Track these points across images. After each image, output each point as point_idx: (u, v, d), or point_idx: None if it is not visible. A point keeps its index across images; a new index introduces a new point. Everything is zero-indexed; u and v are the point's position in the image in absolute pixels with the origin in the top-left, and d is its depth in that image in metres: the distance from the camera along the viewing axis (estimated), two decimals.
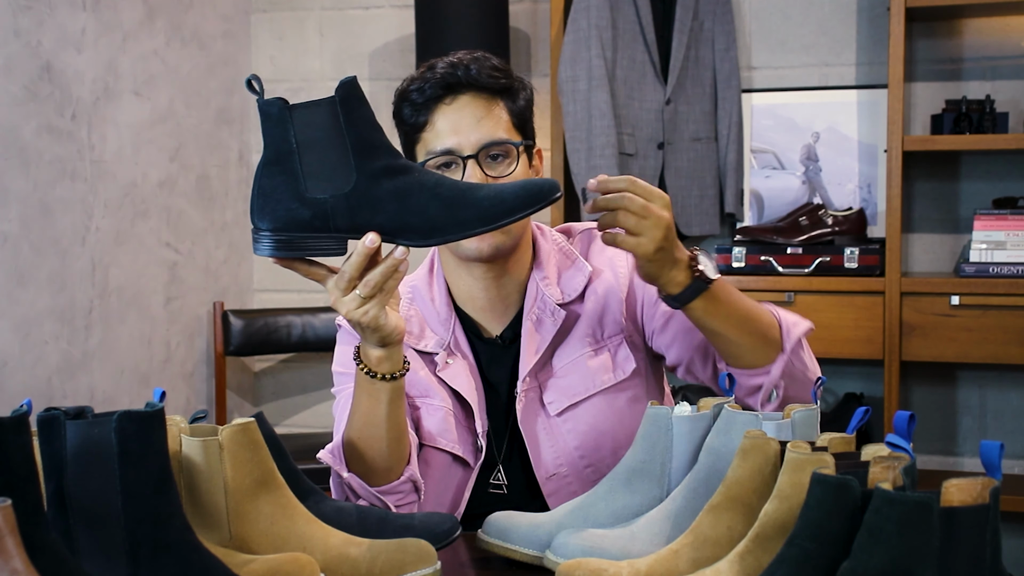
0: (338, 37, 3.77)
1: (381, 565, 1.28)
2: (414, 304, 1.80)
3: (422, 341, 1.76)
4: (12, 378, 2.80)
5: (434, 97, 1.69)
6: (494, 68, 1.71)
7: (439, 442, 1.73)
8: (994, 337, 2.99)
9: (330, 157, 1.33)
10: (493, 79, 1.69)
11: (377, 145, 1.36)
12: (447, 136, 1.69)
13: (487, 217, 1.36)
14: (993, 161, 3.28)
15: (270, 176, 1.35)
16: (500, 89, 1.70)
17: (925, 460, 3.32)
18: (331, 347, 1.72)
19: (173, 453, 1.26)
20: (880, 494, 0.99)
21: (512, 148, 1.70)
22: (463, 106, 1.69)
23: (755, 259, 3.18)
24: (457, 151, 1.68)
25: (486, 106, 1.69)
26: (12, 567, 0.88)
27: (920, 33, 3.31)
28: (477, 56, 1.72)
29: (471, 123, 1.68)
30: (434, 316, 1.78)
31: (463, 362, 1.76)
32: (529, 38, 3.60)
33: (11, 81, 2.80)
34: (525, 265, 1.79)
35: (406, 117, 1.72)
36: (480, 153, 1.68)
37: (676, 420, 1.41)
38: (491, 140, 1.68)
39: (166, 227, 3.39)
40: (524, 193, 1.36)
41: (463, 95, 1.69)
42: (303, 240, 1.36)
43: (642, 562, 1.24)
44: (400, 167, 1.36)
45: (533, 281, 1.77)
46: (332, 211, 1.34)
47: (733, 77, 3.35)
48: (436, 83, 1.69)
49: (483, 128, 1.68)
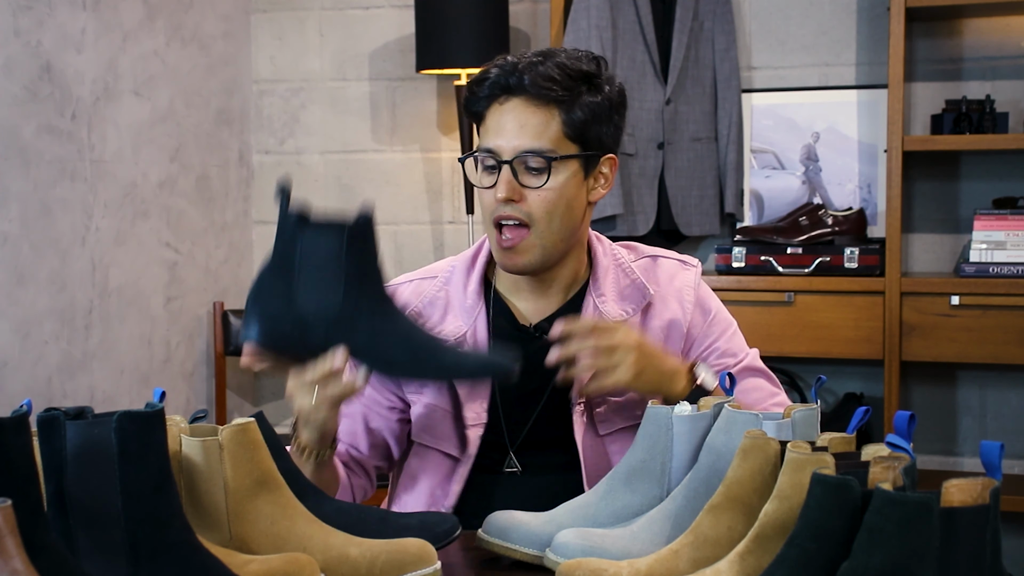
0: (338, 37, 3.77)
1: (381, 565, 1.28)
2: (447, 286, 1.80)
3: (439, 327, 1.76)
4: (12, 378, 2.80)
5: (490, 96, 1.70)
6: (553, 76, 1.67)
7: (424, 439, 1.77)
8: (994, 337, 2.99)
9: (325, 278, 1.43)
10: (546, 88, 1.67)
11: (371, 281, 1.46)
12: (492, 136, 1.70)
13: (444, 374, 1.51)
14: (993, 161, 3.28)
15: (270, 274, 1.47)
16: (553, 99, 1.68)
17: (925, 460, 3.32)
18: None
19: (173, 453, 1.26)
20: (880, 494, 0.99)
21: (554, 159, 1.68)
22: (511, 109, 1.69)
23: (755, 259, 3.18)
24: (497, 153, 1.69)
25: (535, 112, 1.68)
26: (12, 567, 0.88)
27: (920, 33, 3.31)
28: (539, 60, 1.69)
29: (514, 128, 1.68)
30: (461, 302, 1.78)
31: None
32: (529, 38, 3.60)
33: (11, 81, 2.80)
34: (575, 273, 1.79)
35: (469, 106, 1.75)
36: (515, 160, 1.68)
37: (676, 420, 1.41)
38: (528, 149, 1.67)
39: (166, 227, 3.39)
40: (483, 368, 1.45)
41: (514, 98, 1.68)
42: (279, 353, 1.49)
43: (642, 562, 1.24)
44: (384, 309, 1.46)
45: (590, 296, 1.76)
46: (311, 328, 1.45)
47: (733, 77, 3.35)
48: (491, 83, 1.69)
49: (524, 135, 1.67)
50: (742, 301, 3.10)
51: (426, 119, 3.68)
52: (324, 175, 3.78)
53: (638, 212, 3.30)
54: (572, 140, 1.70)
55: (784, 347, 3.12)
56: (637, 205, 3.29)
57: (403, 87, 3.70)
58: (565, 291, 1.79)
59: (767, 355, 3.19)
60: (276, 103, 3.81)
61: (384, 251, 1.48)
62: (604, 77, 1.74)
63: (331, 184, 3.78)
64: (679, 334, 1.77)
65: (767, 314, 3.12)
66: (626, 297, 1.77)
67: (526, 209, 1.68)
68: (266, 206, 3.83)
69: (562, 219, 1.70)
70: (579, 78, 1.70)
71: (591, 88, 1.71)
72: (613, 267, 1.79)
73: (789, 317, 3.12)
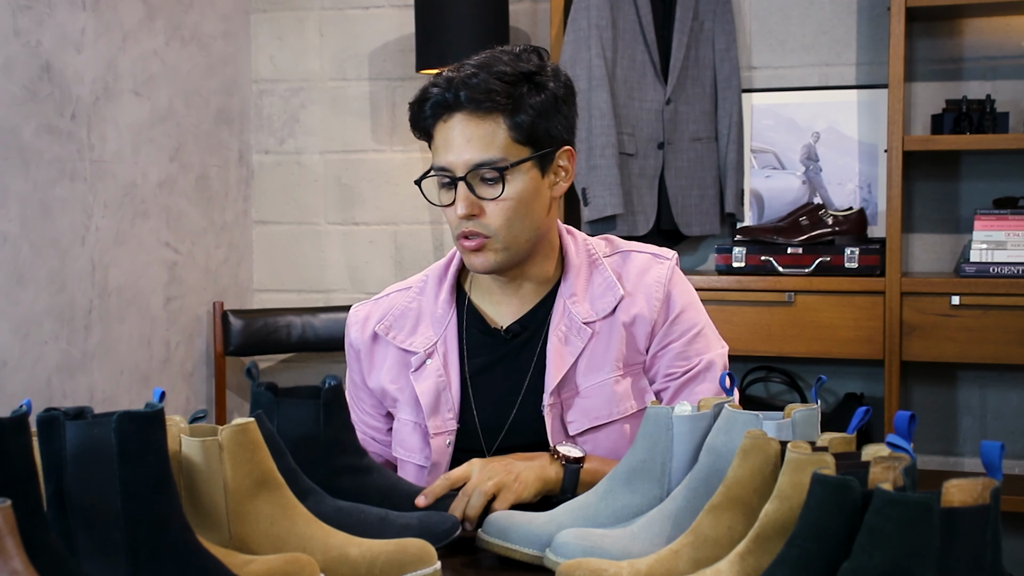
0: (338, 37, 3.77)
1: (381, 565, 1.28)
2: (421, 296, 1.83)
3: (408, 339, 1.79)
4: (12, 378, 2.80)
5: (432, 115, 1.71)
6: (488, 90, 1.66)
7: (399, 452, 1.81)
8: (994, 337, 2.99)
9: (302, 450, 1.48)
10: (486, 97, 1.66)
11: (347, 446, 1.52)
12: (442, 154, 1.70)
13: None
14: (993, 161, 3.28)
15: None
16: (495, 108, 1.67)
17: (925, 460, 3.32)
18: (330, 347, 1.74)
19: (173, 453, 1.26)
20: (880, 494, 0.99)
21: (506, 168, 1.68)
22: (455, 125, 1.69)
23: (755, 259, 3.18)
24: (450, 170, 1.69)
25: (479, 124, 1.67)
26: (12, 567, 0.88)
27: (920, 33, 3.31)
28: (474, 72, 1.68)
29: (462, 143, 1.68)
30: (432, 312, 1.80)
31: (438, 362, 1.77)
32: (529, 38, 3.60)
33: (11, 81, 2.80)
34: (546, 270, 1.79)
35: (415, 126, 1.75)
36: (470, 174, 1.68)
37: (676, 420, 1.41)
38: (480, 161, 1.67)
39: (166, 227, 3.39)
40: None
41: (457, 113, 1.68)
42: None
43: (642, 562, 1.24)
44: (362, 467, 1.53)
45: (560, 298, 1.76)
46: None
47: (733, 77, 3.35)
48: (432, 103, 1.70)
49: (473, 149, 1.67)
50: (742, 301, 3.10)
51: None
52: (324, 175, 3.78)
53: (638, 212, 3.29)
54: (522, 143, 1.69)
55: (784, 347, 3.12)
56: (637, 205, 3.29)
57: (403, 87, 3.70)
58: (536, 291, 1.79)
59: (767, 355, 3.22)
60: (276, 103, 3.81)
61: (385, 251, 1.48)
62: (547, 72, 1.72)
63: (331, 184, 3.78)
64: (644, 331, 1.76)
65: (767, 314, 3.12)
66: (597, 298, 1.76)
67: (485, 221, 1.69)
68: (266, 206, 3.83)
69: (523, 221, 1.71)
70: (518, 80, 1.69)
71: (533, 87, 1.70)
72: (586, 264, 1.79)
73: (789, 317, 3.11)
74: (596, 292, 1.77)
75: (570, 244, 1.81)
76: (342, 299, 3.74)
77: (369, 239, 3.73)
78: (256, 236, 3.84)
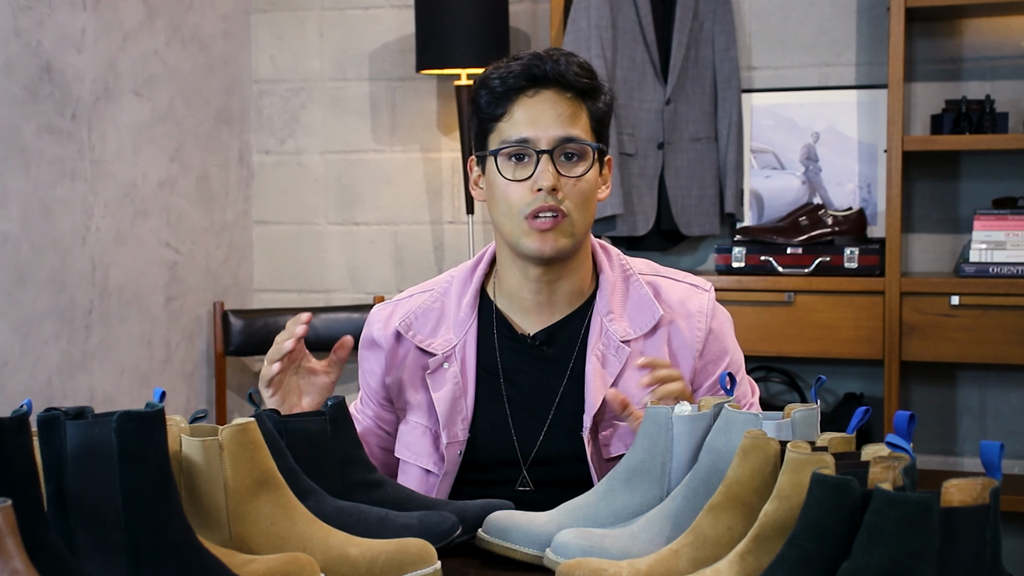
0: (338, 37, 3.77)
1: (381, 565, 1.28)
2: (444, 298, 1.79)
3: (428, 340, 1.76)
4: (12, 378, 2.80)
5: (516, 87, 1.67)
6: (580, 67, 1.68)
7: (403, 454, 1.78)
8: (994, 337, 2.99)
9: (311, 471, 1.46)
10: (578, 77, 1.67)
11: (357, 461, 1.51)
12: (524, 127, 1.66)
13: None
14: (993, 161, 3.28)
15: None
16: (584, 89, 1.68)
17: (925, 460, 3.32)
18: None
19: (173, 453, 1.26)
20: (880, 494, 0.99)
21: (588, 149, 1.68)
22: (545, 99, 1.67)
23: (755, 259, 3.18)
24: (533, 143, 1.66)
25: (569, 103, 1.67)
26: (12, 567, 0.88)
27: (920, 33, 3.31)
28: (565, 52, 1.70)
29: (552, 118, 1.66)
30: (455, 315, 1.76)
31: (455, 368, 1.73)
32: (529, 38, 3.60)
33: (11, 81, 2.80)
34: (582, 278, 1.76)
35: (483, 105, 1.70)
36: (556, 149, 1.66)
37: (676, 420, 1.41)
38: (568, 136, 1.66)
39: (166, 227, 3.39)
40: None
41: (546, 89, 1.67)
42: None
43: (642, 562, 1.24)
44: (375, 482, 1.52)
45: (597, 316, 1.73)
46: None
47: (733, 77, 3.35)
48: (520, 73, 1.67)
49: (563, 124, 1.66)
50: (742, 301, 3.10)
51: (426, 119, 3.68)
52: (324, 175, 3.78)
53: (638, 212, 3.30)
54: (595, 133, 1.71)
55: (784, 347, 3.12)
56: (637, 205, 3.29)
57: (403, 87, 3.70)
58: (568, 302, 1.76)
59: (767, 355, 3.21)
60: (276, 103, 3.81)
61: (385, 251, 1.48)
62: (604, 81, 1.76)
63: (331, 184, 3.78)
64: (688, 358, 1.73)
65: (767, 314, 3.12)
66: (635, 315, 1.73)
67: (561, 197, 1.66)
68: (266, 206, 3.83)
69: (590, 209, 1.70)
70: (594, 76, 1.71)
71: (603, 86, 1.73)
72: (621, 280, 1.76)
73: (789, 317, 3.12)
74: (633, 309, 1.73)
75: (603, 258, 1.78)
76: (342, 299, 3.75)
77: (369, 239, 3.73)
78: (256, 236, 3.84)
